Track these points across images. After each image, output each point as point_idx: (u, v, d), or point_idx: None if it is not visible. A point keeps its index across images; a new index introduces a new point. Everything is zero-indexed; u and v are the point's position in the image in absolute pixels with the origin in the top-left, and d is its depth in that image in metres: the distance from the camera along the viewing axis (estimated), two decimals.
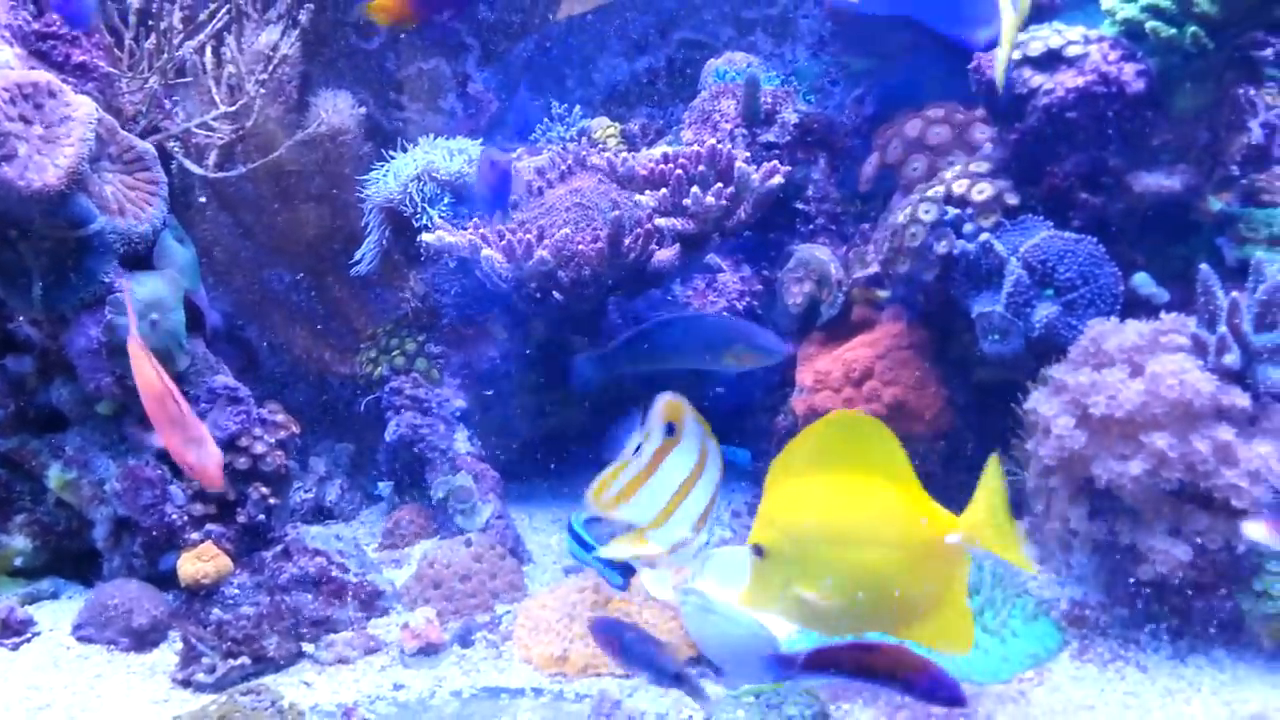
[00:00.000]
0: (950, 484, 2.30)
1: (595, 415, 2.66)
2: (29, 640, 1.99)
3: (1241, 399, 1.71)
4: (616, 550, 1.47)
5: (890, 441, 1.43)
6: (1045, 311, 2.04)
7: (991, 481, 1.41)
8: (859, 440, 1.44)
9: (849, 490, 1.44)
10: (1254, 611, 1.74)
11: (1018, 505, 1.98)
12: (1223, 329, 1.74)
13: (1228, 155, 2.09)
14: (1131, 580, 1.80)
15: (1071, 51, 2.05)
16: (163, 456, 2.10)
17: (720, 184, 2.27)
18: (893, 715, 1.68)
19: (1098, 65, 2.02)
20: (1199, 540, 1.71)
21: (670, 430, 1.43)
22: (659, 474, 1.43)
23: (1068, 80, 2.04)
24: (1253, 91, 2.12)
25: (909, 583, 1.44)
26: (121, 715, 1.72)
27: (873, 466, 1.43)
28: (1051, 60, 2.07)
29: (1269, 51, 2.10)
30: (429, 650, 1.93)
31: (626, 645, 1.51)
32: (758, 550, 1.47)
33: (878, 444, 1.44)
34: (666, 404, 1.42)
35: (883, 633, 1.53)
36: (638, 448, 1.44)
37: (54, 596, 2.16)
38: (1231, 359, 1.73)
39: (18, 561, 2.15)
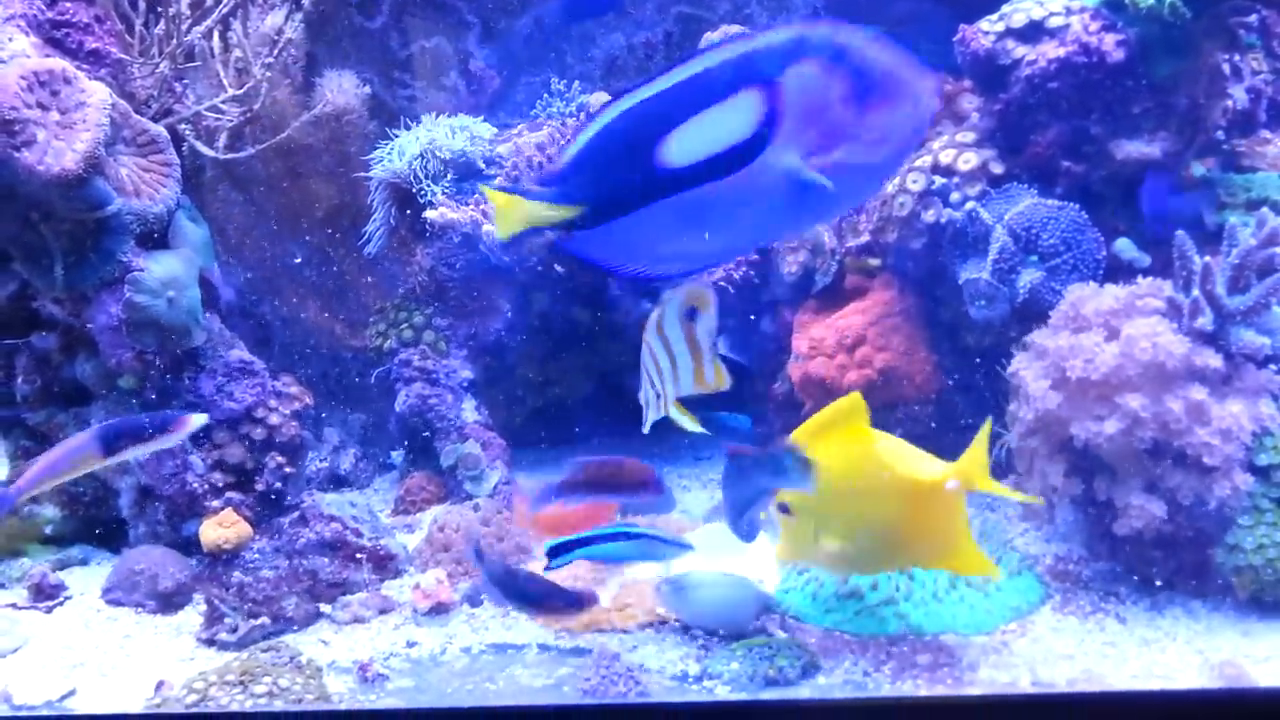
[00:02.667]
0: (940, 445, 2.37)
1: (598, 384, 2.74)
2: (61, 604, 2.07)
3: (1214, 360, 1.77)
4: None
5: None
6: (1029, 277, 2.10)
7: (983, 438, 1.64)
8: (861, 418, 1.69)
9: (859, 455, 1.68)
10: (1227, 564, 1.81)
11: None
12: (1196, 292, 1.80)
13: (1209, 122, 2.14)
14: (1110, 535, 1.87)
15: (1053, 23, 2.10)
16: None
17: None
18: (880, 666, 1.76)
19: (1079, 36, 2.07)
20: (1174, 496, 1.78)
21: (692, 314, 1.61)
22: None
23: (1049, 51, 2.09)
24: (1237, 58, 2.17)
25: (917, 525, 1.68)
26: (150, 672, 1.79)
27: (875, 436, 1.70)
28: (1034, 31, 2.12)
29: (1253, 18, 2.15)
30: (440, 610, 2.01)
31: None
32: (784, 508, 1.74)
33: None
34: (688, 291, 1.61)
35: (901, 570, 1.86)
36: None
37: (83, 563, 2.25)
38: (1204, 321, 1.79)
39: (48, 529, 2.24)
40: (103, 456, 1.72)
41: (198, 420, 1.77)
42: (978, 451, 1.64)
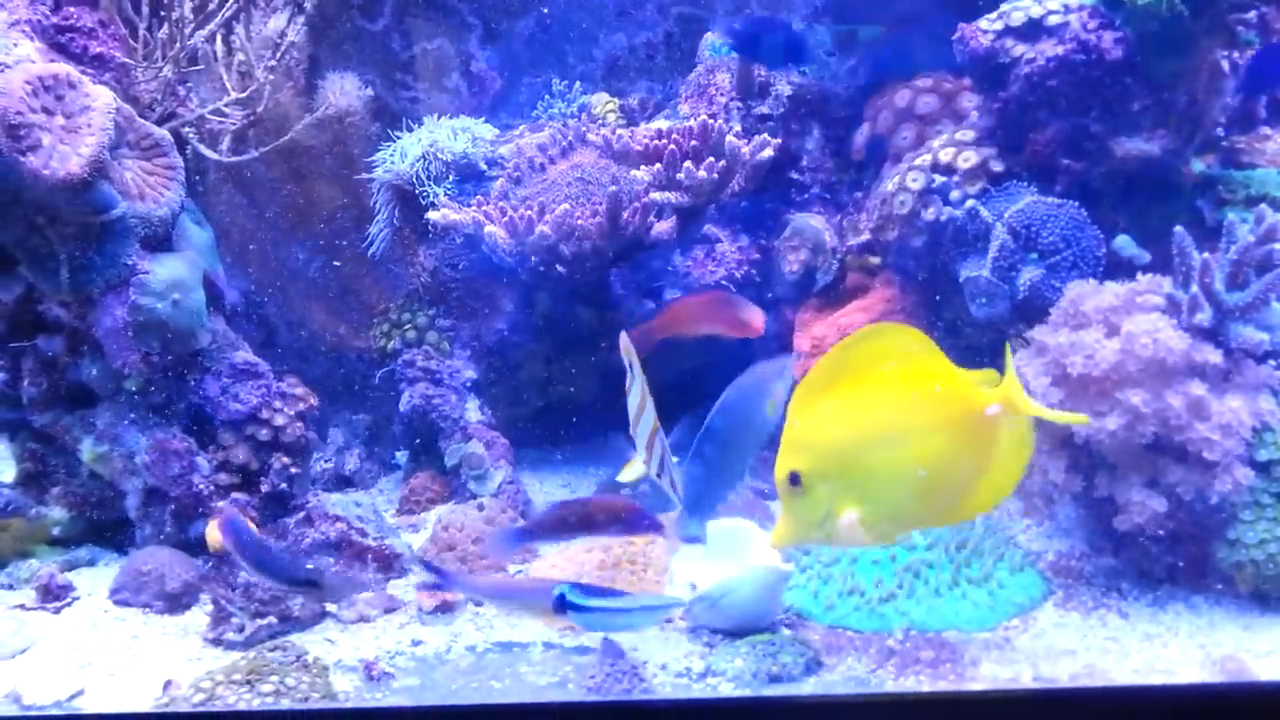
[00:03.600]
0: None
1: (602, 383, 2.75)
2: (69, 604, 2.08)
3: (1214, 355, 1.78)
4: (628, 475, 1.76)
5: (916, 337, 1.42)
6: (1030, 275, 2.11)
7: (1010, 363, 1.45)
8: (884, 344, 1.42)
9: (880, 393, 1.42)
10: (1229, 559, 1.82)
11: None
12: (1195, 288, 1.81)
13: (1209, 119, 2.15)
14: (1112, 531, 1.88)
15: (1052, 21, 2.11)
16: (189, 429, 2.21)
17: (712, 158, 2.34)
18: (882, 662, 1.77)
19: (1077, 34, 2.07)
20: (1175, 491, 1.79)
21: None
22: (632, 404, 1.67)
23: (1048, 49, 2.10)
24: (1236, 54, 2.18)
25: (960, 462, 1.43)
26: (158, 672, 1.80)
27: (903, 362, 1.41)
28: (1033, 29, 2.13)
29: (1252, 15, 2.15)
30: (445, 609, 2.02)
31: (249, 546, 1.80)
32: (794, 478, 1.43)
33: (904, 342, 1.42)
34: (625, 346, 1.64)
35: (942, 524, 1.69)
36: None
37: (91, 563, 2.25)
38: (1203, 317, 1.80)
39: (55, 531, 2.24)
40: None
41: None
42: (1012, 376, 1.43)
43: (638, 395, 1.66)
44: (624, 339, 1.64)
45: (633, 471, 1.76)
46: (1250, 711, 1.32)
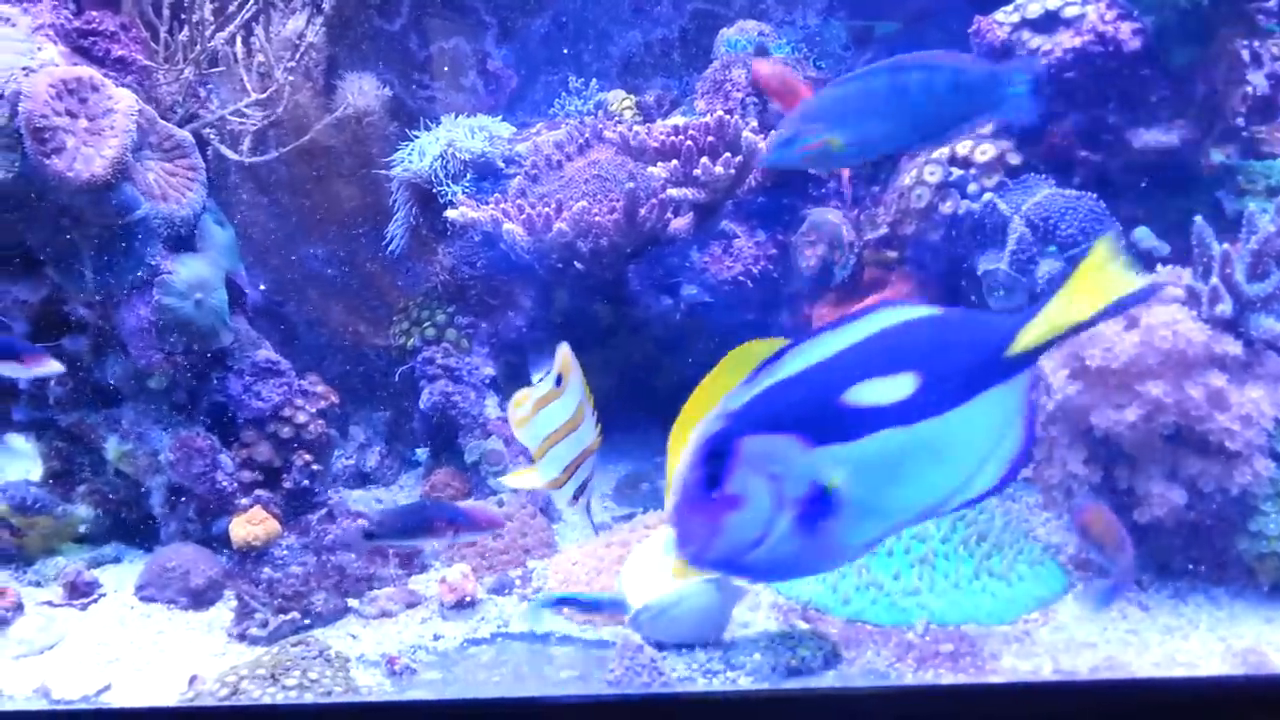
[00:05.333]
0: None
1: (620, 379, 2.76)
2: (96, 601, 2.11)
3: (1234, 347, 1.78)
4: (512, 481, 1.63)
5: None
6: (1048, 267, 2.11)
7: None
8: (749, 362, 1.31)
9: None
10: (1250, 551, 1.81)
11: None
12: (1215, 280, 1.80)
13: (1228, 109, 2.13)
14: (1132, 524, 1.87)
15: (1069, 12, 2.10)
16: (212, 427, 2.23)
17: (729, 154, 2.34)
18: (902, 655, 1.77)
19: (1094, 25, 2.07)
20: (1195, 484, 1.79)
21: (558, 382, 1.52)
22: (541, 416, 1.53)
23: (1065, 41, 2.09)
24: (1256, 44, 2.16)
25: None
26: (183, 667, 1.82)
27: None
28: (1050, 21, 2.13)
29: (1273, 3, 2.14)
30: (465, 603, 2.04)
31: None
32: None
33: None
34: (564, 357, 1.52)
35: None
36: (540, 378, 1.56)
37: (116, 560, 2.28)
38: (1224, 308, 1.79)
39: (82, 528, 2.27)
40: None
41: (52, 367, 1.88)
42: None
43: (565, 412, 1.53)
44: (563, 348, 1.52)
45: (522, 480, 1.62)
46: (1272, 704, 1.31)
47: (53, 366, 1.90)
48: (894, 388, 1.17)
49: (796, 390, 1.18)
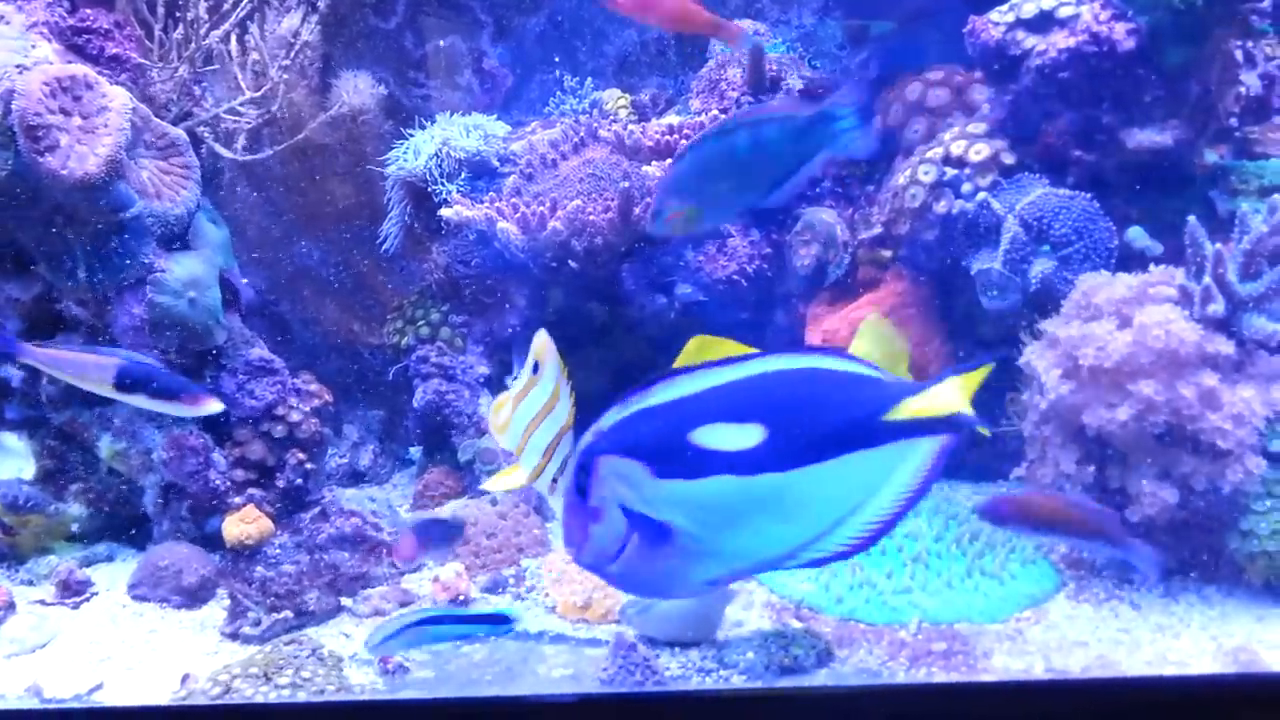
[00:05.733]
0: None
1: (614, 378, 2.75)
2: (88, 599, 2.10)
3: (1226, 346, 1.78)
4: (494, 483, 1.59)
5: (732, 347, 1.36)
6: (1041, 267, 2.11)
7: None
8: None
9: None
10: (1241, 550, 1.82)
11: (1016, 454, 2.06)
12: (1208, 279, 1.80)
13: (1222, 109, 2.14)
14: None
15: (1063, 12, 2.10)
16: (205, 426, 2.23)
17: None
18: (895, 654, 1.77)
19: (1089, 25, 2.07)
20: (1187, 482, 1.79)
21: (535, 369, 1.49)
22: (520, 409, 1.50)
23: (1060, 41, 2.09)
24: (1250, 44, 2.17)
25: None
26: (175, 666, 1.82)
27: None
28: (1044, 21, 2.13)
29: (1266, 3, 2.14)
30: (459, 602, 2.04)
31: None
32: None
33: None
34: (538, 344, 1.48)
35: None
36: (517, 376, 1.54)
37: (109, 559, 2.27)
38: (1216, 308, 1.79)
39: (74, 527, 2.27)
40: (112, 387, 1.80)
41: (212, 406, 1.82)
42: None
43: (543, 395, 1.48)
44: (540, 335, 1.47)
45: (506, 481, 1.57)
46: (1263, 703, 1.31)
47: (212, 406, 1.86)
48: (739, 436, 1.20)
49: (654, 420, 1.22)
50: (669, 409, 1.22)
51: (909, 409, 1.19)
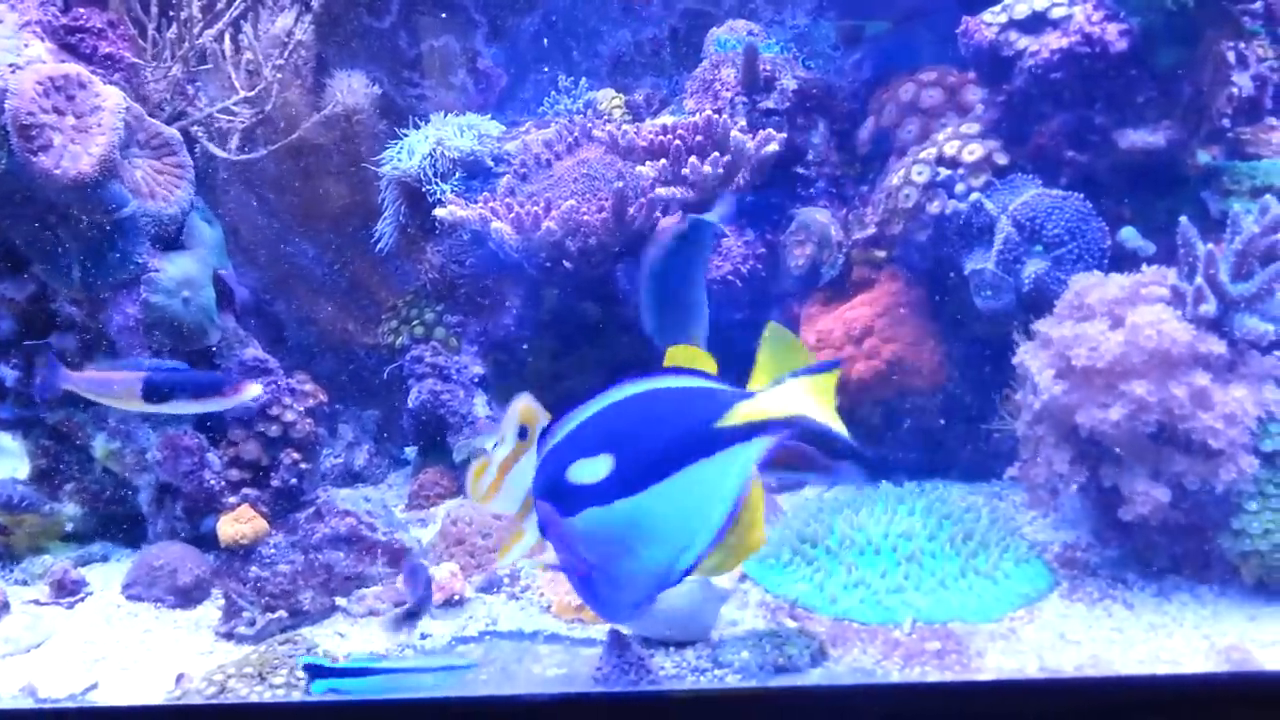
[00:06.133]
0: (949, 436, 2.40)
1: (609, 378, 2.75)
2: (83, 599, 2.10)
3: (1218, 346, 1.79)
4: (510, 556, 1.58)
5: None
6: (1035, 267, 2.11)
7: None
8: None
9: None
10: (1233, 549, 1.82)
11: (1011, 453, 2.07)
12: (1200, 280, 1.81)
13: (1214, 110, 2.14)
14: (1117, 522, 1.88)
15: (1056, 13, 2.11)
16: (200, 426, 2.23)
17: (717, 153, 2.35)
18: (889, 653, 1.78)
19: (1081, 26, 2.08)
20: (1180, 482, 1.80)
21: (523, 434, 1.50)
22: (514, 475, 1.52)
23: (1052, 42, 2.10)
24: (1242, 45, 2.18)
25: None
26: (170, 666, 1.82)
27: None
28: (1036, 22, 2.13)
29: (1258, 4, 2.15)
30: (453, 602, 2.04)
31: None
32: None
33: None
34: (521, 409, 1.50)
35: None
36: (495, 444, 1.53)
37: (104, 559, 2.28)
38: (1208, 308, 1.80)
39: (69, 527, 2.27)
40: (142, 402, 1.83)
41: (252, 390, 1.83)
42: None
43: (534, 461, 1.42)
44: (520, 400, 1.50)
45: (517, 549, 1.55)
46: (1255, 701, 1.32)
47: (252, 390, 1.89)
48: (595, 469, 1.27)
49: (547, 463, 1.30)
50: (555, 451, 1.29)
51: (740, 414, 1.25)
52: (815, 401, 1.28)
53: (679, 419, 1.27)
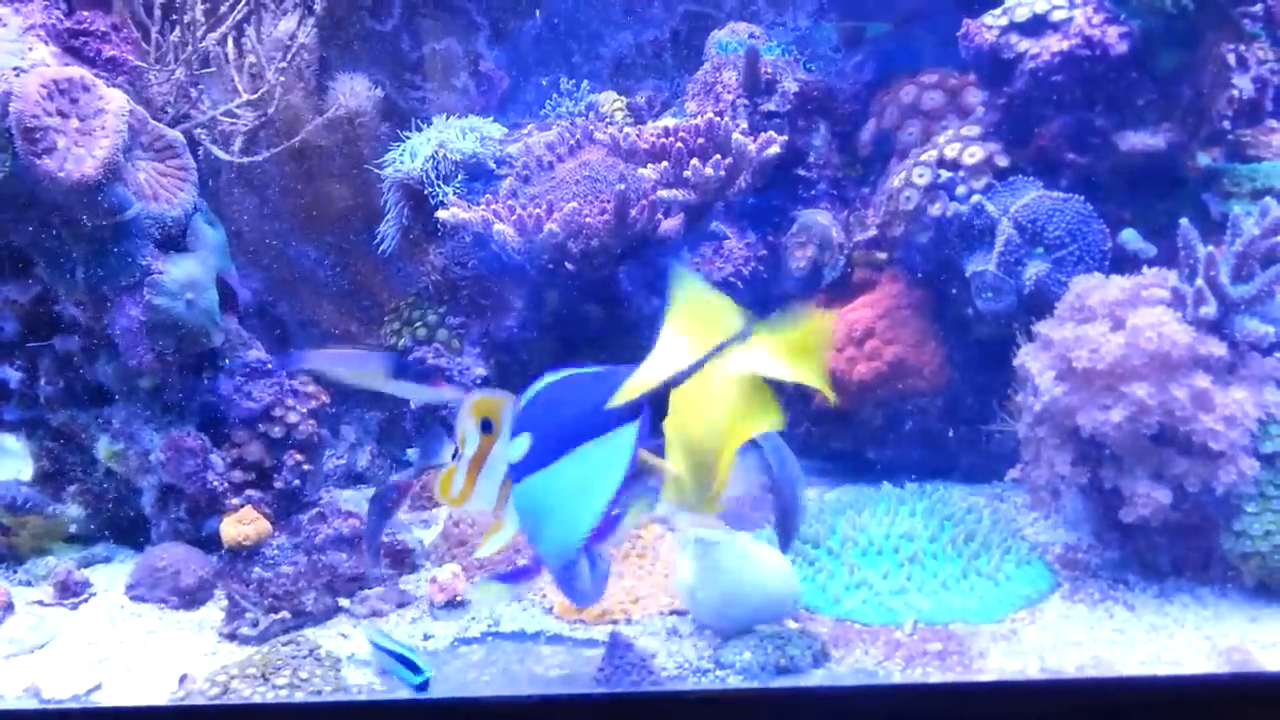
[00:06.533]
0: (951, 437, 2.40)
1: None
2: (86, 600, 2.10)
3: (1219, 348, 1.79)
4: (487, 549, 1.59)
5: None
6: (1035, 269, 2.12)
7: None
8: None
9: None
10: (1234, 551, 1.82)
11: (1013, 455, 2.07)
12: (1200, 282, 1.82)
13: (1214, 112, 2.15)
14: (1118, 523, 1.89)
15: (1057, 16, 2.11)
16: (203, 427, 2.23)
17: (719, 155, 2.35)
18: (890, 654, 1.78)
19: (1082, 29, 2.08)
20: (1180, 483, 1.80)
21: (488, 427, 1.51)
22: (485, 471, 1.52)
23: (1053, 44, 2.10)
24: (1242, 48, 2.18)
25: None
26: (173, 666, 1.82)
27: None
28: (1037, 25, 2.14)
29: (1258, 7, 2.15)
30: (456, 603, 2.04)
31: None
32: None
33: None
34: (475, 405, 1.52)
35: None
36: (455, 453, 1.53)
37: (107, 560, 2.28)
38: (1208, 310, 1.80)
39: (72, 528, 2.27)
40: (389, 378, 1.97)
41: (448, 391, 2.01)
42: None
43: (504, 453, 1.46)
44: (476, 396, 1.54)
45: (495, 542, 1.55)
46: (1256, 702, 1.32)
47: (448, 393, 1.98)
48: (519, 447, 1.38)
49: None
50: (513, 430, 1.41)
51: (621, 395, 1.31)
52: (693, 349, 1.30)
53: (581, 400, 1.36)
